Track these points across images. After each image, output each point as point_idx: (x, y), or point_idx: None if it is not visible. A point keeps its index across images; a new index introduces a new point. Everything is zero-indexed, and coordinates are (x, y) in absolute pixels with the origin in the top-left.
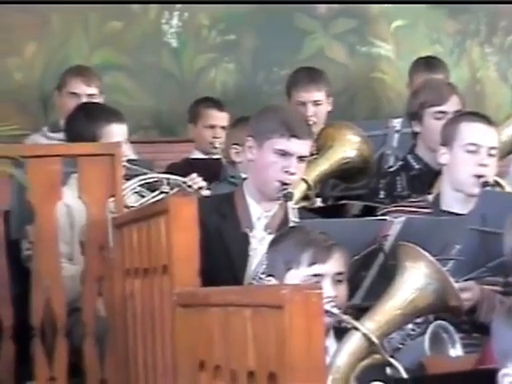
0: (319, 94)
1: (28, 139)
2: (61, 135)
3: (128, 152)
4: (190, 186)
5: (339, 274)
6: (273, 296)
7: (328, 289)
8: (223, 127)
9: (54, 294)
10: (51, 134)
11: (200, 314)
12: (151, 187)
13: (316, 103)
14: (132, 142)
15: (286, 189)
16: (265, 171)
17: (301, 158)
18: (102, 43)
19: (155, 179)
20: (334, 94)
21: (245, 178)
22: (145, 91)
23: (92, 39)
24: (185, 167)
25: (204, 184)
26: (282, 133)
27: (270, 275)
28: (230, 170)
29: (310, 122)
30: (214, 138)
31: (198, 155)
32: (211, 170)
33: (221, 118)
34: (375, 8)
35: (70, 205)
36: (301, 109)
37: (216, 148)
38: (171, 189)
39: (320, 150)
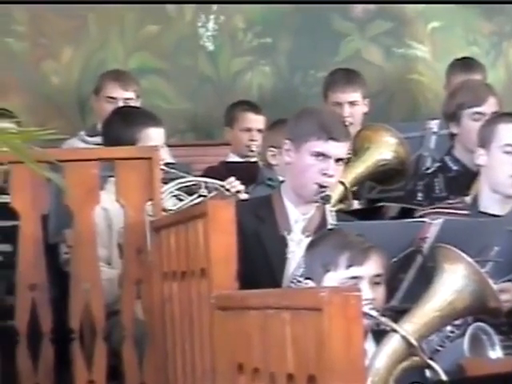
0: (355, 95)
1: (65, 143)
2: (98, 139)
3: (166, 156)
4: (227, 190)
5: (377, 276)
6: (311, 298)
7: (366, 291)
8: (259, 130)
9: (92, 297)
10: (88, 138)
11: (238, 316)
12: (189, 191)
13: (352, 104)
14: (169, 146)
15: (323, 191)
16: (302, 174)
17: (338, 160)
18: (139, 47)
19: (193, 183)
20: (370, 96)
21: (282, 181)
22: (181, 95)
23: (128, 43)
24: (222, 170)
25: (242, 187)
26: (319, 135)
27: (307, 278)
28: (266, 173)
29: (347, 123)
30: (251, 140)
31: (235, 158)
32: (248, 172)
33: (257, 120)
34: (411, 10)
35: (108, 208)
36: (337, 109)
37: (252, 151)
38: (209, 192)
39: (357, 152)
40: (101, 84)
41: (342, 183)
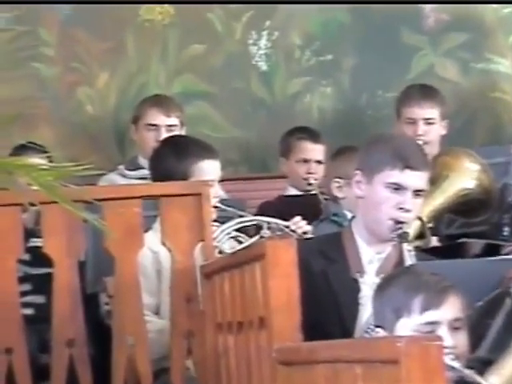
0: (432, 112)
1: (103, 179)
2: (140, 173)
3: (220, 192)
4: (293, 231)
5: (456, 320)
6: (387, 350)
7: (446, 338)
8: (319, 161)
9: (137, 353)
10: (129, 172)
11: (304, 372)
12: (248, 232)
13: (428, 122)
14: (221, 181)
15: (400, 228)
16: (376, 209)
17: (417, 193)
18: (183, 69)
19: (254, 223)
20: (448, 117)
21: (353, 217)
22: (232, 121)
23: (171, 65)
24: (279, 206)
25: (309, 228)
26: (394, 164)
27: (377, 326)
28: (332, 208)
29: (421, 142)
30: (308, 173)
31: (293, 192)
32: (309, 207)
33: (315, 150)
34: (490, 19)
35: (157, 251)
36: (411, 128)
37: (311, 185)
38: (272, 234)
39: (434, 181)
40: (140, 111)
41: (419, 217)
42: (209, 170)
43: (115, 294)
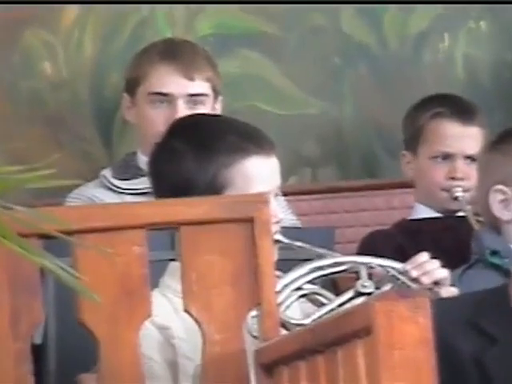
0: None
1: (74, 195)
2: (139, 183)
3: (283, 214)
4: (415, 280)
5: None
6: None
7: None
8: (470, 158)
9: None
10: (120, 183)
11: None
12: (335, 286)
13: None
14: (286, 194)
15: None
16: None
17: None
18: None
19: (344, 267)
20: None
21: None
22: (308, 86)
23: None
24: (400, 239)
25: (445, 274)
26: None
27: None
28: (489, 240)
29: None
30: (452, 179)
31: (426, 213)
32: (453, 240)
33: (465, 138)
34: None
35: (169, 326)
36: None
37: (456, 198)
38: (377, 286)
39: None
40: (139, 71)
41: None
42: (258, 173)
43: None
